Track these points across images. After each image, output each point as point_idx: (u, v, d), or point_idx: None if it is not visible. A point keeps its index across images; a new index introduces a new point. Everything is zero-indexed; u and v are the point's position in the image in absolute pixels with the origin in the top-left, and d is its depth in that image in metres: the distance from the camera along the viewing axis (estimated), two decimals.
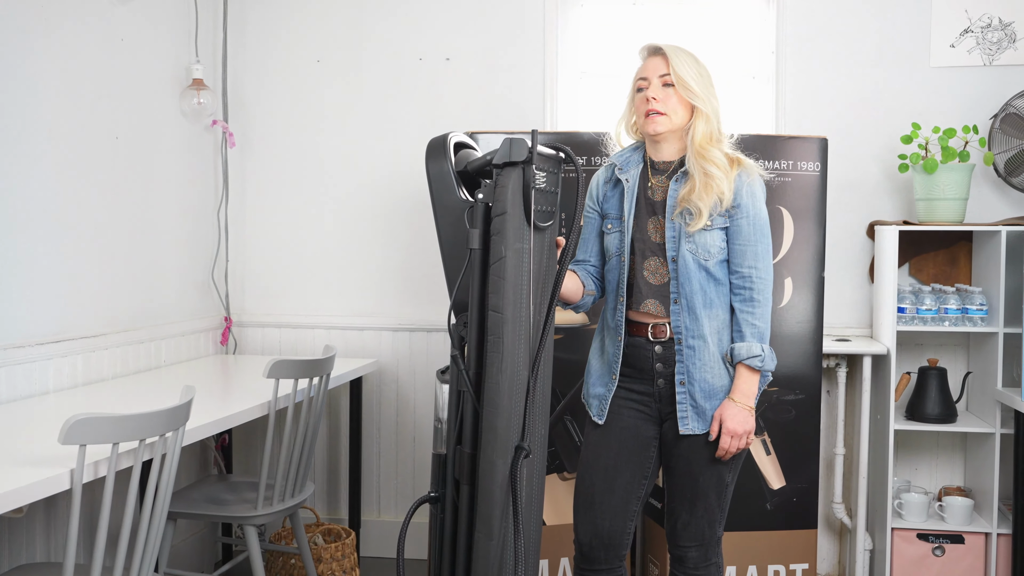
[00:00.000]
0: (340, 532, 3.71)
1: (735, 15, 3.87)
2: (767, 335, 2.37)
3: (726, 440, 2.33)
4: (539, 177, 2.10)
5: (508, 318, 2.03)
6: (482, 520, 2.05)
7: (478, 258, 2.08)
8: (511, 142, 2.05)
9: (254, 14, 4.04)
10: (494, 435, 2.04)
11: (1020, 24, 3.61)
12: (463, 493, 2.12)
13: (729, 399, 2.35)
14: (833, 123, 3.72)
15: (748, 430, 2.33)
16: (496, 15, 3.91)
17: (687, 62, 2.40)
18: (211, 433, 2.63)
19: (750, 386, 2.35)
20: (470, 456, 2.10)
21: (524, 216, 2.07)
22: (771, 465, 3.24)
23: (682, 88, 2.37)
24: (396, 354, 4.03)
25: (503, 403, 2.04)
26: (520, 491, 2.06)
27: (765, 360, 2.34)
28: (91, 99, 3.20)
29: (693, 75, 2.38)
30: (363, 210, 4.03)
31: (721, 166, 2.34)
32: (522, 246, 2.07)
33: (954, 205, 3.44)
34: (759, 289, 2.36)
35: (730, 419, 2.32)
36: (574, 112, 3.94)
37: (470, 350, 2.10)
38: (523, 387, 2.10)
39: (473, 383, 2.09)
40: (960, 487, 3.70)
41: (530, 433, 2.12)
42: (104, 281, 3.28)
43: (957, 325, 3.45)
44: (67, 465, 2.03)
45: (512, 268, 2.04)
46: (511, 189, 2.04)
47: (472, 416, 2.10)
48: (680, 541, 2.43)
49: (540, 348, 2.15)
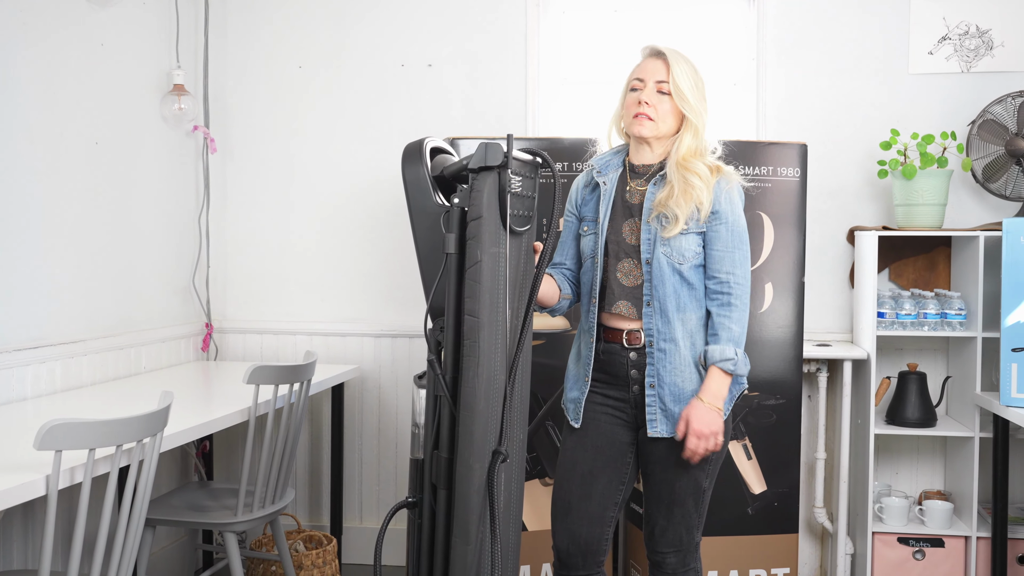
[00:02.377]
0: (321, 539, 3.69)
1: (716, 22, 3.89)
2: (743, 340, 2.36)
3: (692, 441, 2.29)
4: (515, 181, 2.11)
5: (484, 322, 2.03)
6: (459, 525, 2.05)
7: (454, 262, 2.08)
8: (486, 147, 2.05)
9: (235, 19, 4.04)
10: (471, 439, 2.04)
11: (997, 32, 3.65)
12: (440, 498, 2.11)
13: (696, 398, 2.32)
14: (813, 129, 3.74)
15: (715, 431, 2.30)
16: (478, 22, 3.92)
17: (687, 72, 2.39)
18: (190, 439, 2.62)
19: (720, 387, 2.33)
20: (447, 461, 2.10)
21: (500, 220, 2.08)
22: (752, 470, 3.25)
23: (679, 99, 2.37)
24: (378, 360, 4.02)
25: (480, 407, 2.04)
26: (497, 496, 2.06)
27: (738, 364, 2.32)
28: (71, 104, 3.18)
29: (690, 86, 2.38)
30: (345, 216, 4.02)
31: (703, 176, 2.33)
32: (498, 250, 2.07)
33: (933, 210, 3.46)
34: (737, 294, 2.35)
35: (696, 419, 2.29)
36: (556, 119, 3.95)
37: (447, 355, 2.10)
38: (500, 391, 2.10)
39: (450, 387, 2.09)
40: (940, 491, 3.72)
41: (508, 437, 2.12)
42: (83, 287, 3.27)
43: (936, 330, 3.47)
44: (43, 471, 2.01)
45: (488, 272, 2.04)
46: (487, 193, 2.04)
47: (449, 421, 2.10)
48: (658, 547, 2.43)
49: (517, 352, 2.16)
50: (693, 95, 2.38)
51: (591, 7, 3.93)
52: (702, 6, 3.89)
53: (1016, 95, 3.49)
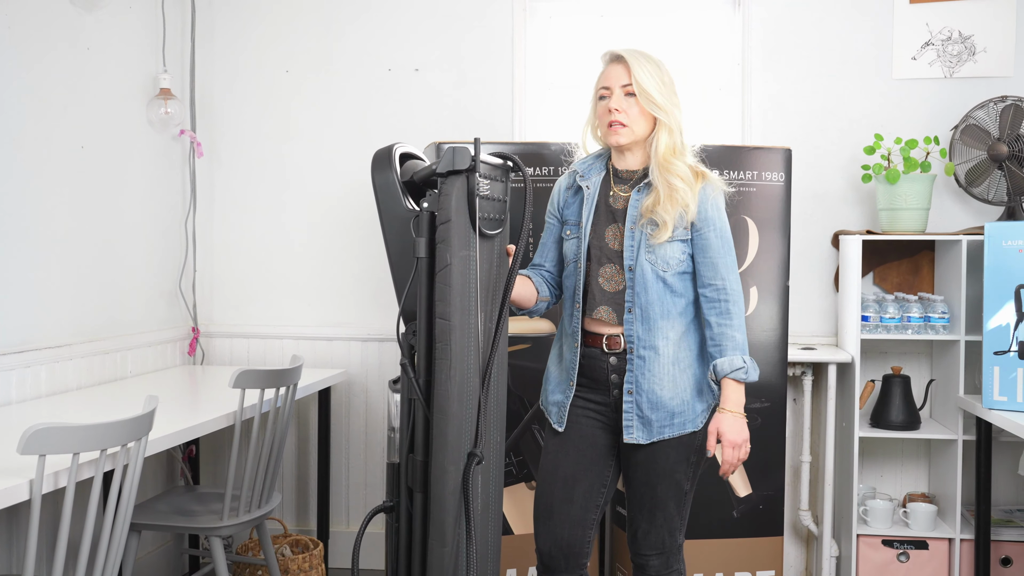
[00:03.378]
0: (308, 543, 3.69)
1: (702, 27, 3.91)
2: (746, 346, 2.36)
3: (728, 452, 2.31)
4: (483, 185, 2.12)
5: (456, 325, 2.04)
6: (435, 527, 2.06)
7: (425, 266, 2.09)
8: (454, 150, 2.07)
9: (222, 23, 4.04)
10: (444, 442, 2.05)
11: (979, 37, 3.68)
12: (416, 501, 2.12)
13: (721, 410, 2.33)
14: (798, 134, 3.77)
15: (746, 438, 2.33)
16: (465, 27, 3.93)
17: (649, 71, 2.36)
18: (176, 443, 2.62)
19: (738, 396, 2.34)
20: (422, 464, 2.11)
21: (470, 223, 2.09)
22: (738, 473, 3.26)
23: (644, 99, 2.35)
24: (365, 364, 4.02)
25: (453, 410, 2.05)
26: (474, 498, 2.07)
27: (748, 372, 2.33)
28: (57, 108, 3.18)
29: (656, 85, 2.35)
30: (332, 220, 4.02)
31: (685, 178, 2.33)
32: (468, 253, 2.09)
33: (916, 215, 3.49)
34: (734, 300, 2.35)
35: (728, 431, 2.31)
36: (543, 123, 3.97)
37: (419, 358, 2.11)
38: (474, 393, 2.11)
39: (423, 391, 2.10)
40: (924, 493, 3.74)
41: (483, 440, 2.13)
42: (69, 291, 3.26)
43: (920, 333, 3.50)
44: (27, 476, 2.01)
45: (458, 275, 2.05)
46: (455, 197, 2.06)
47: (423, 424, 2.11)
48: (641, 550, 2.44)
49: (492, 354, 2.17)
50: (660, 93, 2.35)
51: (577, 13, 3.95)
52: (688, 11, 3.91)
53: (998, 100, 3.51)
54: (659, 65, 2.40)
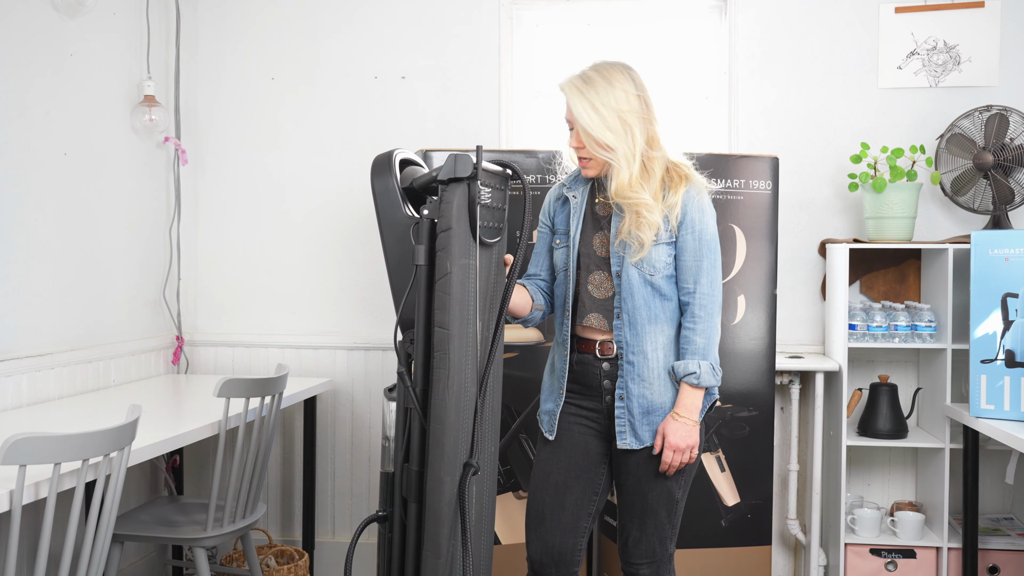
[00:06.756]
0: (293, 554, 3.66)
1: (689, 37, 3.92)
2: (711, 351, 2.34)
3: (668, 454, 2.31)
4: (484, 193, 2.11)
5: (454, 334, 2.03)
6: (430, 538, 2.03)
7: (424, 274, 2.08)
8: (456, 158, 2.06)
9: (207, 31, 4.02)
10: (441, 452, 2.03)
11: (964, 47, 3.69)
12: (411, 511, 2.10)
13: (672, 414, 2.33)
14: (784, 142, 3.77)
15: (691, 444, 2.32)
16: (452, 35, 3.92)
17: (589, 105, 2.27)
18: (159, 453, 2.59)
19: (693, 401, 2.33)
20: (418, 474, 2.09)
21: (470, 232, 2.08)
22: (725, 482, 3.25)
23: (585, 138, 2.31)
24: (351, 373, 3.99)
25: (450, 420, 2.03)
26: (469, 508, 2.05)
27: (700, 377, 2.31)
28: (39, 114, 3.15)
29: (596, 120, 2.26)
30: (317, 228, 4.00)
31: (648, 206, 2.28)
32: (468, 262, 2.07)
33: (902, 223, 3.50)
34: (702, 304, 2.34)
35: (671, 434, 2.31)
36: (529, 131, 3.96)
37: (417, 367, 2.10)
38: (471, 403, 2.09)
39: (420, 400, 2.08)
40: (912, 502, 3.74)
41: (479, 450, 2.11)
42: (52, 299, 3.22)
43: (907, 342, 3.50)
44: (7, 486, 1.98)
45: (458, 284, 2.04)
46: (456, 205, 2.04)
47: (420, 433, 2.09)
48: (632, 558, 2.43)
49: (489, 364, 2.15)
50: (603, 127, 2.27)
51: (564, 21, 3.95)
52: (674, 21, 3.92)
53: (983, 109, 3.53)
54: (608, 85, 2.29)
